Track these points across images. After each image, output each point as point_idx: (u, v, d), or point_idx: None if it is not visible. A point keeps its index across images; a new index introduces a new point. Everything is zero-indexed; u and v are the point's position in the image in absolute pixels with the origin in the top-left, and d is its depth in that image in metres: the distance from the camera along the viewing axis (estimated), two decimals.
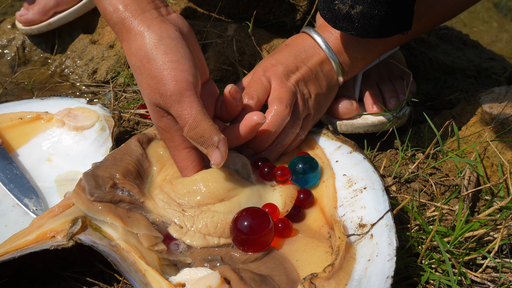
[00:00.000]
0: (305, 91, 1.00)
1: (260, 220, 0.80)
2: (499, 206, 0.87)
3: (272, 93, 0.98)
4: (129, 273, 0.73)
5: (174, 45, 0.84)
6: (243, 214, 0.80)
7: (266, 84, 0.98)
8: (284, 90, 0.97)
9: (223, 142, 0.83)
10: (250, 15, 1.49)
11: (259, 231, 0.79)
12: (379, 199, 0.84)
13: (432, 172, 1.09)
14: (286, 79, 0.99)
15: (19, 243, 0.78)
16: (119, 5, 0.87)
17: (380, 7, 0.87)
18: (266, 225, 0.80)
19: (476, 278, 0.84)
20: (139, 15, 0.86)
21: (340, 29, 0.92)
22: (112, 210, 0.81)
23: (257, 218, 0.80)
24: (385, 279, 0.70)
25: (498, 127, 1.03)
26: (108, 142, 1.03)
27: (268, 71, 1.00)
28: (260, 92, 0.97)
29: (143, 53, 0.84)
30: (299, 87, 1.00)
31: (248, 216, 0.80)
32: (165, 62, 0.83)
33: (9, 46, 1.52)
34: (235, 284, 0.72)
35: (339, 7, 0.90)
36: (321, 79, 1.03)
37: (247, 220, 0.79)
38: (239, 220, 0.80)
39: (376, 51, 1.07)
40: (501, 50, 2.01)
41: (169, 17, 0.89)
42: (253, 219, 0.80)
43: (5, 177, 0.97)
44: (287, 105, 0.95)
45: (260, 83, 0.98)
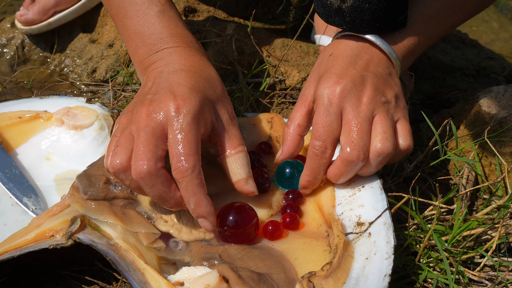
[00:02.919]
0: (383, 99, 0.87)
1: (245, 215, 0.82)
2: (496, 205, 0.87)
3: (343, 129, 0.85)
4: (128, 272, 0.74)
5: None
6: (227, 208, 0.82)
7: (336, 123, 0.85)
8: (356, 124, 0.84)
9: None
10: (249, 14, 1.49)
11: (243, 225, 0.81)
12: (377, 197, 0.84)
13: (430, 171, 1.10)
14: (358, 102, 0.85)
15: (18, 242, 0.79)
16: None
17: (372, 1, 0.87)
18: (250, 219, 0.82)
19: (474, 276, 0.84)
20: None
21: (333, 24, 0.92)
22: (106, 207, 0.82)
23: (241, 212, 0.82)
24: (383, 277, 0.71)
25: (497, 126, 1.03)
26: (107, 141, 1.04)
27: (334, 96, 0.85)
28: (331, 142, 0.85)
29: (199, 64, 0.88)
30: (375, 104, 0.86)
31: (232, 211, 0.82)
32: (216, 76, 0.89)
33: (9, 45, 1.52)
34: (233, 282, 0.73)
35: (331, 1, 0.90)
36: (389, 79, 0.91)
37: (232, 215, 0.81)
38: (224, 215, 0.82)
39: (422, 44, 0.96)
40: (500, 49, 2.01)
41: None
42: (237, 213, 0.82)
43: (4, 176, 0.97)
44: (360, 150, 0.82)
45: (328, 124, 0.85)
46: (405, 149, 0.86)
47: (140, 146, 0.78)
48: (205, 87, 0.85)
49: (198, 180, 0.77)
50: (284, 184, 0.92)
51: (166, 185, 0.78)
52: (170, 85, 0.83)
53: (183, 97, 0.80)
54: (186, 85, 0.82)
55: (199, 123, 0.80)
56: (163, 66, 0.88)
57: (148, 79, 0.89)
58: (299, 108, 0.91)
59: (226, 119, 0.86)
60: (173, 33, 0.91)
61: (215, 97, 0.85)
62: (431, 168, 1.09)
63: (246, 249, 0.81)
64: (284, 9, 1.51)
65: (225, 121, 0.85)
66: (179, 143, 0.77)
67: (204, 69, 0.88)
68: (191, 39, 0.93)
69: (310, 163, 0.86)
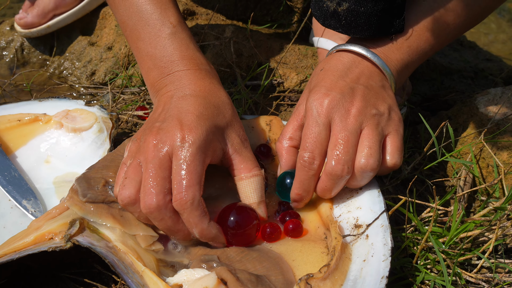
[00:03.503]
0: (374, 111, 0.86)
1: (246, 215, 0.82)
2: (493, 206, 0.88)
3: (330, 141, 0.84)
4: (127, 274, 0.74)
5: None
6: (228, 209, 0.83)
7: (324, 134, 0.84)
8: (343, 137, 0.83)
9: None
10: (248, 17, 1.50)
11: (244, 225, 0.82)
12: (374, 199, 0.84)
13: (428, 173, 1.10)
14: (347, 114, 0.84)
15: (17, 245, 0.79)
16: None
17: (367, 5, 0.87)
18: (251, 220, 0.82)
19: (471, 278, 0.85)
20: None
21: (329, 27, 0.92)
22: (105, 210, 0.82)
23: (243, 213, 0.82)
24: (380, 279, 0.71)
25: (494, 128, 1.04)
26: (106, 143, 1.04)
27: (322, 107, 0.84)
28: (320, 153, 0.84)
29: (209, 88, 0.88)
30: (364, 116, 0.85)
31: (234, 211, 0.82)
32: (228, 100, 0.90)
33: (8, 48, 1.52)
34: (231, 285, 0.73)
35: (327, 4, 0.90)
36: (381, 92, 0.89)
37: (233, 215, 0.82)
38: (225, 215, 0.82)
39: (416, 57, 0.94)
40: (499, 51, 2.02)
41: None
42: (239, 214, 0.82)
43: (3, 178, 0.97)
44: (344, 163, 0.82)
45: (316, 135, 0.84)
46: (391, 167, 0.86)
47: (148, 179, 0.78)
48: (214, 113, 0.84)
49: (199, 211, 0.78)
50: (284, 195, 0.90)
51: (174, 219, 0.79)
52: (179, 112, 0.83)
53: (189, 126, 0.80)
54: (194, 113, 0.82)
55: (206, 152, 0.81)
56: (173, 90, 0.88)
57: (159, 103, 0.89)
58: (290, 123, 0.91)
59: (238, 143, 0.86)
60: (184, 55, 0.91)
61: (224, 123, 0.85)
62: (429, 170, 1.09)
63: (244, 251, 0.81)
64: (283, 11, 1.51)
65: (237, 145, 0.85)
66: (181, 174, 0.78)
67: (214, 93, 0.88)
68: (202, 61, 0.92)
69: (298, 176, 0.85)
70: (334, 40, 1.19)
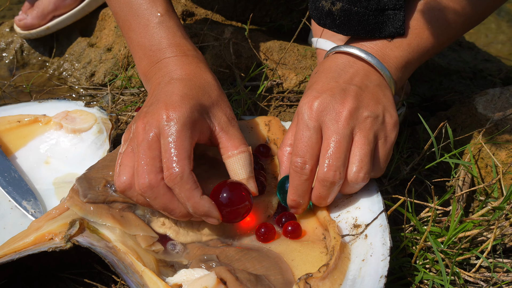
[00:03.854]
0: (366, 114, 0.84)
1: (237, 190, 0.83)
2: (492, 206, 0.88)
3: (322, 146, 0.84)
4: (126, 274, 0.74)
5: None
6: (220, 186, 0.83)
7: (315, 137, 0.83)
8: (335, 141, 0.82)
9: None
10: (247, 18, 1.50)
11: (236, 200, 0.82)
12: (373, 199, 0.84)
13: (427, 173, 1.10)
14: (338, 117, 0.83)
15: (17, 245, 0.79)
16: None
17: (360, 4, 0.87)
18: (242, 195, 0.83)
19: (469, 278, 0.85)
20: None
21: (324, 26, 0.92)
22: (105, 210, 0.83)
23: (234, 189, 0.83)
24: (379, 279, 0.71)
25: (492, 128, 1.04)
26: (106, 144, 1.04)
27: (312, 111, 0.84)
28: (311, 157, 0.83)
29: (194, 72, 0.89)
30: (356, 119, 0.83)
31: (225, 187, 0.82)
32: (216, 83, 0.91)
33: (7, 49, 1.52)
34: (231, 284, 0.73)
35: (323, 4, 0.90)
36: (376, 91, 0.87)
37: (225, 191, 0.82)
38: (217, 191, 0.83)
39: (420, 51, 0.93)
40: (498, 51, 2.02)
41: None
42: (231, 190, 0.82)
43: (3, 179, 0.98)
44: (336, 169, 0.82)
45: (307, 139, 0.84)
46: (376, 177, 0.87)
47: (140, 162, 0.80)
48: (198, 93, 0.86)
49: (189, 185, 0.78)
50: (286, 200, 0.89)
51: (168, 196, 0.79)
52: (165, 95, 0.84)
53: (173, 105, 0.81)
54: (179, 94, 0.84)
55: (192, 129, 0.81)
56: (161, 77, 0.90)
57: (149, 91, 0.91)
58: (290, 130, 0.90)
59: (224, 121, 0.87)
60: (170, 43, 0.93)
61: (209, 102, 0.87)
62: (428, 171, 1.10)
63: (243, 250, 0.82)
64: (282, 12, 1.51)
65: (223, 124, 0.86)
66: (169, 150, 0.79)
67: (199, 75, 0.89)
68: (189, 47, 0.94)
69: (292, 182, 0.85)
70: (333, 40, 1.20)
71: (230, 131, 0.87)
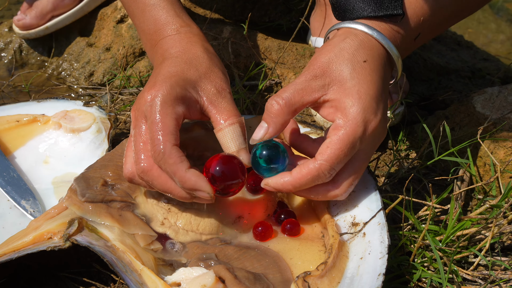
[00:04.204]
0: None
1: (229, 166, 0.80)
2: (490, 204, 0.88)
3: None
4: (125, 273, 0.74)
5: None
6: (211, 160, 0.81)
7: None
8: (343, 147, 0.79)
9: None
10: (245, 17, 1.50)
11: (229, 174, 0.80)
12: (371, 198, 0.84)
13: (425, 172, 1.10)
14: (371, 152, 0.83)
15: (16, 244, 0.79)
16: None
17: None
18: (235, 172, 0.80)
19: (468, 276, 0.85)
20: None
21: (338, 19, 0.89)
22: (103, 209, 0.83)
23: (226, 163, 0.80)
24: (377, 277, 0.71)
25: (490, 127, 1.04)
26: (104, 144, 1.04)
27: (365, 136, 0.80)
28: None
29: (184, 48, 0.89)
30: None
31: (216, 161, 0.80)
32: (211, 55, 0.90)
33: (6, 49, 1.53)
34: (229, 283, 0.73)
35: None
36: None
37: (218, 165, 0.80)
38: (208, 166, 0.81)
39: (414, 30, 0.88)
40: (496, 51, 2.02)
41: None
42: (223, 164, 0.80)
43: (2, 179, 0.98)
44: (330, 171, 0.79)
45: (345, 158, 0.80)
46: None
47: (136, 150, 0.81)
48: (183, 69, 0.86)
49: (173, 159, 0.77)
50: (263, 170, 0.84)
51: (163, 177, 0.79)
52: (153, 78, 0.85)
53: (154, 86, 0.82)
54: (162, 74, 0.84)
55: (174, 105, 0.81)
56: (157, 60, 0.91)
57: None
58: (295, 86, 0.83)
59: (213, 93, 0.85)
60: (164, 23, 0.94)
61: (196, 76, 0.86)
62: (426, 169, 1.10)
63: (242, 249, 0.82)
64: (280, 12, 1.52)
65: (212, 96, 0.85)
66: (152, 130, 0.79)
67: (188, 51, 0.89)
68: (182, 23, 0.94)
69: (307, 182, 0.80)
70: None
71: (220, 104, 0.85)
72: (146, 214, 0.86)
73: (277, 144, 0.83)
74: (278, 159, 0.82)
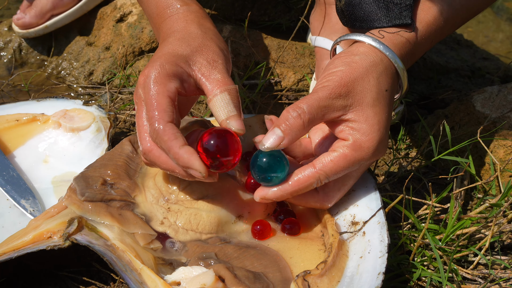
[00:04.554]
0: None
1: (220, 140, 0.79)
2: (489, 203, 0.88)
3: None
4: (125, 272, 0.74)
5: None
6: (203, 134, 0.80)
7: None
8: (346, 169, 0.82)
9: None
10: (245, 17, 1.50)
11: (221, 151, 0.79)
12: (371, 197, 0.84)
13: (425, 171, 1.10)
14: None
15: (16, 243, 0.79)
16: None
17: None
18: (226, 145, 0.79)
19: (467, 274, 0.85)
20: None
21: (346, 25, 0.90)
22: (103, 208, 0.83)
23: (223, 137, 0.79)
24: (377, 275, 0.71)
25: (490, 126, 1.04)
26: (104, 143, 1.04)
27: (369, 160, 0.83)
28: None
29: (179, 28, 0.90)
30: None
31: (206, 135, 0.80)
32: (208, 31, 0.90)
33: (6, 48, 1.52)
34: (229, 282, 0.73)
35: (337, 4, 0.91)
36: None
37: (214, 139, 0.79)
38: (200, 140, 0.80)
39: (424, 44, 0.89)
40: (496, 50, 2.02)
41: None
42: (216, 137, 0.79)
43: (2, 178, 0.98)
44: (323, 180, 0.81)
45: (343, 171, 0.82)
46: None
47: (138, 133, 0.83)
48: (174, 46, 0.86)
49: (167, 136, 0.77)
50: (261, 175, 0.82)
51: (164, 156, 0.80)
52: (150, 60, 0.87)
53: (147, 67, 0.83)
54: (156, 54, 0.85)
55: (166, 82, 0.81)
56: (159, 45, 0.92)
57: None
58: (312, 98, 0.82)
59: (205, 66, 0.85)
60: (163, 6, 0.94)
61: (188, 51, 0.86)
62: (426, 168, 1.10)
63: (242, 248, 0.82)
64: (280, 11, 1.51)
65: (204, 69, 0.85)
66: (147, 109, 0.80)
67: (182, 29, 0.90)
68: (180, 3, 0.94)
69: (299, 188, 0.81)
70: (331, 38, 1.20)
71: (211, 75, 0.84)
72: (145, 213, 0.86)
73: (280, 152, 0.82)
74: (280, 168, 0.81)
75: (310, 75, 1.33)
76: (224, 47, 0.90)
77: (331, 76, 0.81)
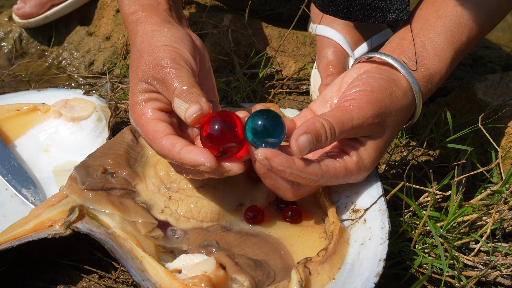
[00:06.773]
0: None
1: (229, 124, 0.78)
2: (491, 190, 0.88)
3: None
4: (126, 260, 0.74)
5: (180, 36, 0.86)
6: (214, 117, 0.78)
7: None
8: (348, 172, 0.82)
9: (207, 104, 0.78)
10: (246, 6, 1.50)
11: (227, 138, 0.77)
12: (372, 184, 0.84)
13: (427, 159, 1.10)
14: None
15: (17, 232, 0.79)
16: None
17: None
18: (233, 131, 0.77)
19: (468, 261, 0.85)
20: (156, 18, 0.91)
21: (327, 13, 0.91)
22: (104, 197, 0.83)
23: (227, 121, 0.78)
24: (378, 262, 0.71)
25: (492, 114, 1.04)
26: (105, 132, 1.04)
27: (371, 169, 0.84)
28: None
29: (149, 36, 0.87)
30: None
31: (219, 119, 0.78)
32: (168, 42, 0.85)
33: (6, 38, 1.52)
34: (230, 269, 0.73)
35: None
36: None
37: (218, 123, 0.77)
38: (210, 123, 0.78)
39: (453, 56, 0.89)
40: (498, 38, 2.01)
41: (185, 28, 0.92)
42: (224, 121, 0.77)
43: (3, 168, 0.98)
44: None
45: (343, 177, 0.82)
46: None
47: None
48: (133, 59, 0.87)
49: (166, 151, 0.77)
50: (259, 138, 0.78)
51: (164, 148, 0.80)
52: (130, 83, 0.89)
53: (130, 97, 0.87)
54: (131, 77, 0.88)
55: (145, 109, 0.83)
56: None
57: None
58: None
59: (158, 82, 0.83)
60: (130, 12, 0.93)
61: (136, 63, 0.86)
62: (427, 156, 1.10)
63: (243, 236, 0.82)
64: (281, 0, 1.51)
65: (159, 86, 0.83)
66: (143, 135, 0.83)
67: (138, 38, 0.89)
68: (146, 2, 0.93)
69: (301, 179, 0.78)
70: (332, 27, 1.19)
71: (166, 91, 0.83)
72: (146, 201, 0.86)
73: (277, 114, 0.79)
74: (278, 131, 0.77)
75: (311, 64, 1.32)
76: (170, 42, 0.86)
77: (367, 95, 0.81)
